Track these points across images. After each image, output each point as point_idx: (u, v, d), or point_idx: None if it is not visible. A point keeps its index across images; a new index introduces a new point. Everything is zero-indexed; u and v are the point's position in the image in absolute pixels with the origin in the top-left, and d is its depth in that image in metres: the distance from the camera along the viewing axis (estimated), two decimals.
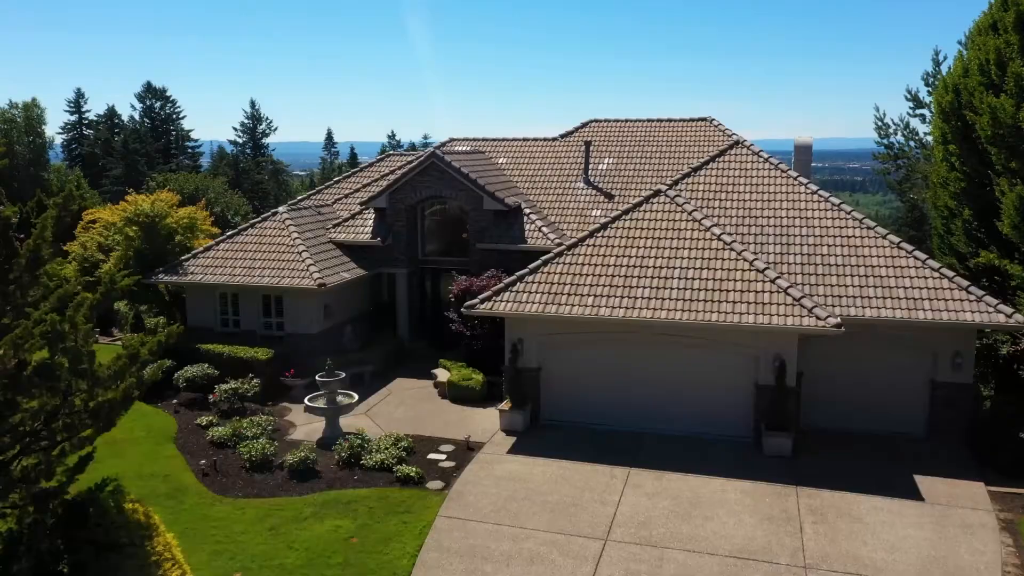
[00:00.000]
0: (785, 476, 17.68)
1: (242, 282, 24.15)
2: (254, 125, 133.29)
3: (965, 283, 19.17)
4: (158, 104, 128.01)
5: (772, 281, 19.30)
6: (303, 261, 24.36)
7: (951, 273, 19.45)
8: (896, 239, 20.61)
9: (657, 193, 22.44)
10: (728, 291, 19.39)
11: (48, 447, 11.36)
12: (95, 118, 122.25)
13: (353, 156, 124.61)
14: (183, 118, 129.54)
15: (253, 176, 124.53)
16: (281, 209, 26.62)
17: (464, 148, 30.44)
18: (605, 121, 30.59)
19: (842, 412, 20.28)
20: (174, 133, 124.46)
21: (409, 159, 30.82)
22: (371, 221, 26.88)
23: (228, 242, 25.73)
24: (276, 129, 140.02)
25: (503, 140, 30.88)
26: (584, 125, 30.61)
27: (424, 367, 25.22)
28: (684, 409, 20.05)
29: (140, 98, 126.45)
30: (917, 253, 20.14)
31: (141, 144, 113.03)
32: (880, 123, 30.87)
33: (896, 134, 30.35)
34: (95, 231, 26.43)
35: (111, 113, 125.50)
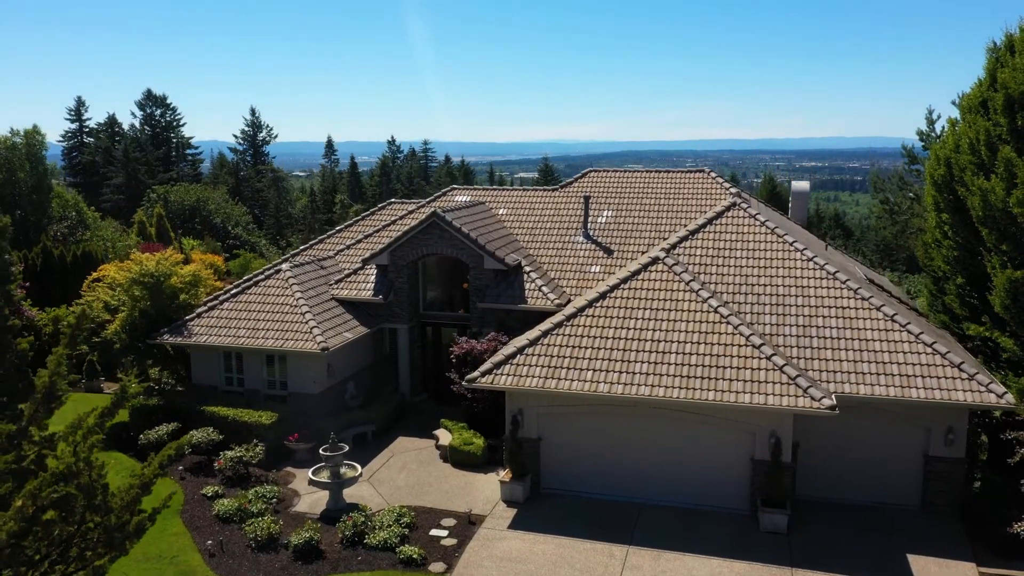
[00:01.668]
0: (781, 556, 18.04)
1: (246, 344, 24.49)
2: (254, 132, 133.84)
3: (957, 360, 19.51)
4: (158, 111, 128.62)
5: (768, 358, 19.64)
6: (306, 323, 24.69)
7: (944, 349, 19.77)
8: (890, 312, 20.93)
9: (655, 261, 22.77)
10: (725, 368, 19.74)
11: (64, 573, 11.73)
12: (95, 126, 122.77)
13: (353, 165, 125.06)
14: (183, 125, 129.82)
15: (253, 184, 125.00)
16: (284, 266, 26.93)
17: (464, 198, 30.79)
18: (604, 171, 30.97)
19: (838, 483, 20.68)
20: (175, 141, 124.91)
21: (410, 208, 31.17)
22: (373, 277, 27.21)
23: (232, 301, 26.07)
24: (276, 136, 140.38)
25: (503, 190, 31.25)
26: (583, 175, 30.94)
27: (426, 424, 25.59)
28: (682, 481, 20.42)
29: (140, 105, 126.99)
30: (911, 327, 20.47)
31: (142, 152, 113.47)
32: (877, 177, 31.17)
33: (891, 188, 30.69)
34: (101, 289, 26.74)
35: (112, 121, 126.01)
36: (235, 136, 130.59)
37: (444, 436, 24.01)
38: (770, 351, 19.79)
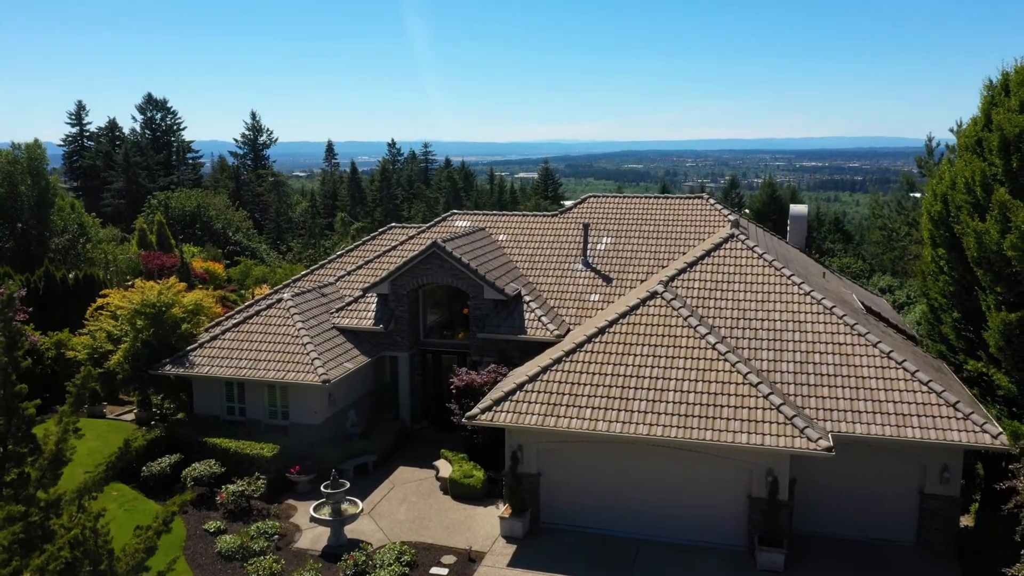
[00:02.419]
0: None
1: (248, 376, 24.68)
2: (255, 136, 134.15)
3: (953, 399, 19.68)
4: (159, 115, 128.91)
5: (765, 397, 19.82)
6: (307, 353, 24.88)
7: (939, 388, 19.94)
8: (886, 348, 21.10)
9: (654, 295, 22.94)
10: (722, 406, 19.92)
11: None
12: (96, 130, 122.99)
13: (354, 169, 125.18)
14: (184, 128, 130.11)
15: (254, 188, 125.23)
16: (286, 295, 27.10)
17: (465, 223, 30.96)
18: (603, 197, 31.14)
19: (834, 518, 20.89)
20: (175, 144, 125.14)
21: (411, 233, 31.35)
22: (373, 305, 27.40)
23: (234, 331, 26.24)
24: (276, 140, 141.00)
25: (503, 215, 31.43)
26: (582, 201, 31.13)
27: (426, 453, 25.80)
28: (680, 517, 20.63)
29: (141, 109, 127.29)
30: (907, 364, 20.64)
31: (142, 157, 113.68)
32: (876, 203, 31.32)
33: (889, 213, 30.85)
34: (105, 318, 26.92)
35: (112, 125, 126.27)
36: (235, 140, 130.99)
37: (444, 467, 24.20)
38: (767, 389, 19.97)
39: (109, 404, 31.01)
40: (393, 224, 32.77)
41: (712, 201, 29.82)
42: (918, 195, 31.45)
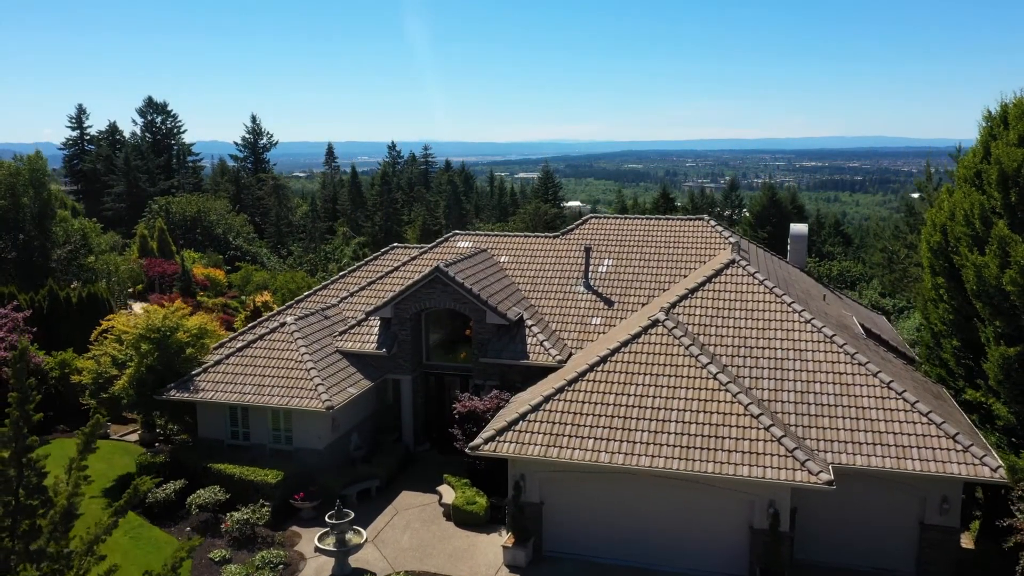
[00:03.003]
0: None
1: (252, 402, 24.84)
2: (255, 139, 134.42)
3: (952, 431, 19.84)
4: (159, 118, 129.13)
5: (766, 428, 19.97)
6: (311, 379, 25.03)
7: (939, 419, 20.10)
8: (886, 378, 21.25)
9: (655, 323, 23.08)
10: (723, 438, 20.06)
11: None
12: (96, 134, 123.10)
13: (354, 173, 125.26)
14: (184, 132, 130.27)
15: (254, 192, 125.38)
16: (289, 319, 27.24)
17: (467, 244, 31.11)
18: (604, 218, 31.30)
19: (835, 547, 21.05)
20: (175, 148, 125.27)
21: (413, 253, 31.50)
22: (376, 329, 27.54)
23: (238, 355, 26.39)
24: (276, 143, 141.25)
25: (504, 235, 31.59)
26: (584, 222, 31.29)
27: (429, 476, 25.96)
28: (682, 546, 20.79)
29: (141, 112, 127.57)
30: (907, 395, 20.80)
31: (143, 160, 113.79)
32: (877, 225, 31.41)
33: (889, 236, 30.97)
34: (110, 343, 27.08)
35: (112, 129, 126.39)
36: (236, 143, 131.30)
37: (447, 493, 24.36)
38: (768, 421, 20.12)
39: (113, 423, 31.18)
40: (395, 244, 32.93)
41: (713, 223, 29.98)
42: (916, 195, 31.51)
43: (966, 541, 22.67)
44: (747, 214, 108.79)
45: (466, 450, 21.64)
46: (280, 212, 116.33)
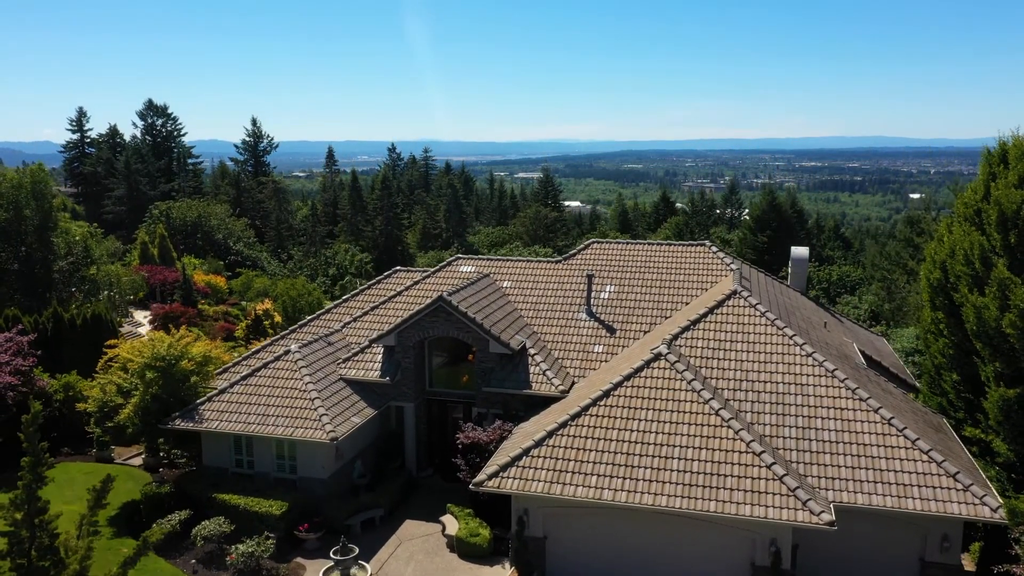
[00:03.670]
0: None
1: (256, 432, 24.98)
2: (255, 142, 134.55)
3: (953, 469, 20.00)
4: (159, 121, 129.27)
5: (768, 467, 20.13)
6: (315, 409, 25.17)
7: (940, 457, 20.26)
8: (887, 415, 21.40)
9: (658, 357, 23.22)
10: (726, 476, 20.22)
11: None
12: (97, 136, 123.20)
13: (355, 178, 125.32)
14: (184, 134, 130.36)
15: (255, 195, 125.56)
16: (293, 347, 27.37)
17: (469, 268, 31.26)
18: (606, 243, 31.48)
19: None
20: (176, 151, 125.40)
21: (416, 277, 31.65)
22: (380, 356, 27.69)
23: (242, 384, 26.53)
24: (277, 146, 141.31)
25: (507, 260, 31.72)
26: (586, 247, 31.45)
27: (432, 504, 26.10)
28: None
29: (142, 115, 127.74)
30: (907, 432, 20.95)
31: (143, 164, 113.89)
32: (876, 255, 31.58)
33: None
34: (115, 371, 27.22)
35: (113, 132, 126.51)
36: (236, 146, 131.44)
37: (451, 524, 24.51)
38: (770, 459, 20.27)
39: (117, 446, 31.32)
40: (398, 268, 33.06)
41: (714, 248, 30.14)
42: (917, 196, 31.62)
43: (967, 563, 22.85)
44: (747, 217, 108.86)
45: (470, 486, 21.80)
46: (280, 216, 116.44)
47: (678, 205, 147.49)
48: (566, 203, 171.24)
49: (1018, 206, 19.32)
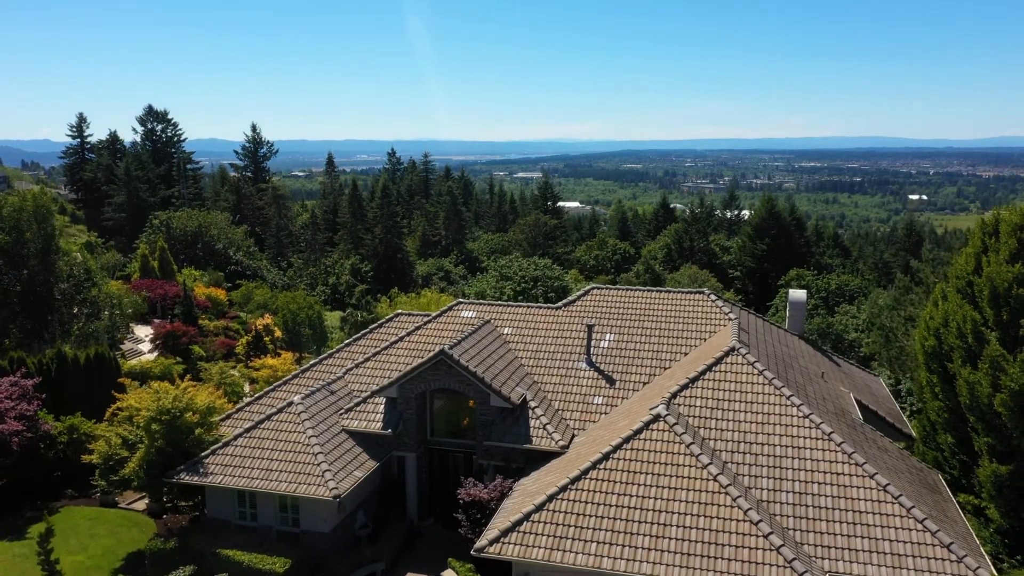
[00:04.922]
0: None
1: (260, 488, 25.30)
2: (255, 148, 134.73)
3: (947, 540, 20.32)
4: (159, 127, 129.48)
5: (765, 537, 20.43)
6: (318, 464, 25.48)
7: (934, 527, 20.57)
8: (883, 481, 21.70)
9: (656, 419, 23.51)
10: (723, 545, 20.52)
11: None
12: (97, 142, 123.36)
13: (355, 187, 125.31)
14: (183, 140, 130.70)
15: (255, 202, 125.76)
16: (296, 399, 27.67)
17: (470, 314, 31.54)
18: (606, 290, 31.76)
19: None
20: (175, 157, 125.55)
21: (417, 322, 31.92)
22: (382, 407, 27.99)
23: (246, 437, 26.83)
24: (276, 152, 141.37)
25: (508, 306, 32.00)
26: (585, 293, 31.74)
27: (434, 555, 26.42)
28: None
29: (141, 121, 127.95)
30: (903, 499, 21.26)
31: (143, 170, 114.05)
32: (875, 305, 31.96)
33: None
34: (121, 420, 27.53)
35: (113, 138, 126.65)
36: (236, 152, 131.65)
37: None
38: (767, 528, 20.58)
39: (121, 492, 31.60)
40: (400, 312, 33.32)
41: (713, 297, 30.43)
42: (915, 196, 31.95)
43: None
44: (747, 221, 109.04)
45: (472, 552, 22.10)
46: (280, 223, 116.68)
47: (678, 207, 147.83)
48: (565, 204, 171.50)
49: (1010, 283, 19.60)
